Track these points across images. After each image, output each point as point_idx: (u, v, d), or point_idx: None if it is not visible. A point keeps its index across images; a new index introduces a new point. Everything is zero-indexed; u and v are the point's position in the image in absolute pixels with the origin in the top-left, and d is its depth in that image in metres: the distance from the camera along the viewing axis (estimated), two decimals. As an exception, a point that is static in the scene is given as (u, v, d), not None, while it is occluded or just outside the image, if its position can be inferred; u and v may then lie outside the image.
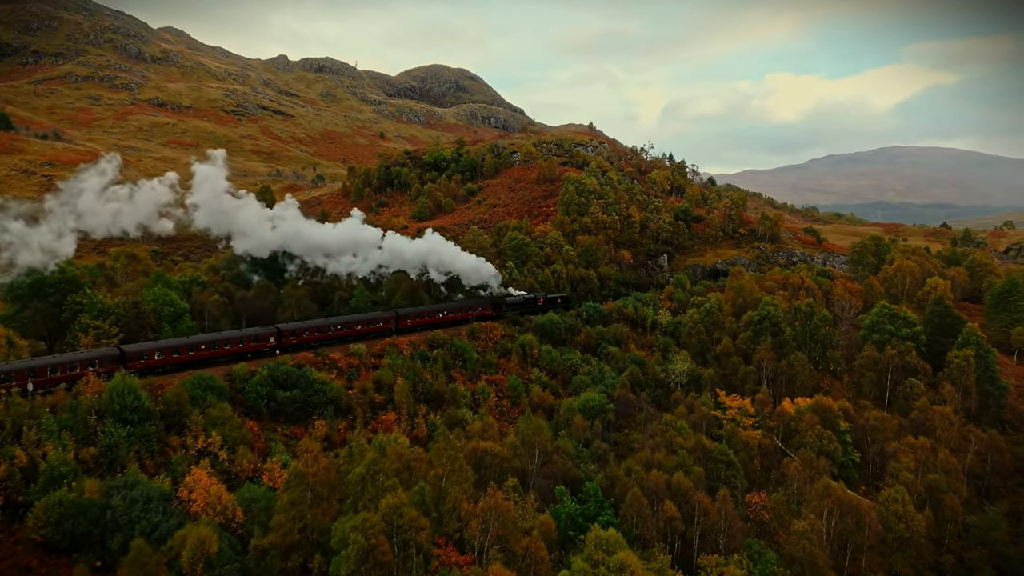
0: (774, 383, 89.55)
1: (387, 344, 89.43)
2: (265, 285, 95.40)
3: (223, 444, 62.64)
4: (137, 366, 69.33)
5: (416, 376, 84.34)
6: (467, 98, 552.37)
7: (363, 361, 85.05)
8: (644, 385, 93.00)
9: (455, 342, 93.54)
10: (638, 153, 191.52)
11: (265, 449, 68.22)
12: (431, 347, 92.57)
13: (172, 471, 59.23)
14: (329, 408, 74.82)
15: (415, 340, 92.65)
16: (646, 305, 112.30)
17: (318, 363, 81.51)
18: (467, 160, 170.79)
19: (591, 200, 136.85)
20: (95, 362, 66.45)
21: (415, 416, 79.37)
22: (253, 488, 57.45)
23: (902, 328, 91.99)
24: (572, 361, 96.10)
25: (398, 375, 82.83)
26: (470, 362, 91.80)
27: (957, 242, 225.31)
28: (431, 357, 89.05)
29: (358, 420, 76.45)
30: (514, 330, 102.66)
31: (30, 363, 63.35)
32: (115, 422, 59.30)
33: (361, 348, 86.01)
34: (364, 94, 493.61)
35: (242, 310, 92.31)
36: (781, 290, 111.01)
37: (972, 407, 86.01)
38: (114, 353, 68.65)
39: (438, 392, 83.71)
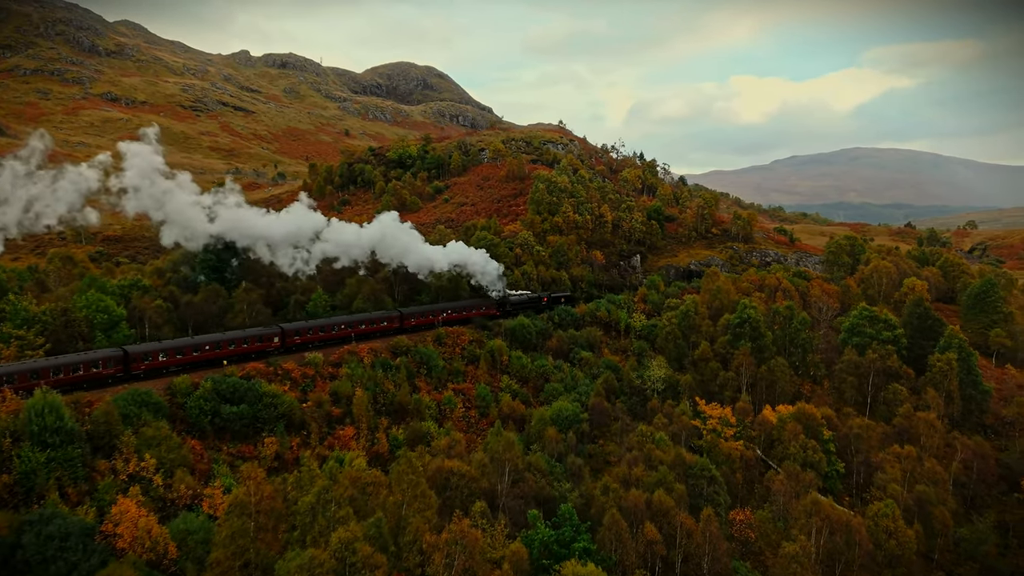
0: (754, 389, 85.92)
1: (345, 352, 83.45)
2: (214, 289, 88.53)
3: (158, 467, 56.36)
4: (142, 367, 67.51)
5: (377, 387, 78.69)
6: (434, 96, 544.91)
7: (319, 371, 79.01)
8: (619, 392, 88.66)
9: (420, 349, 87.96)
10: (608, 151, 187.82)
11: (208, 471, 61.99)
12: (394, 354, 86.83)
13: (98, 500, 52.86)
14: (280, 424, 68.82)
15: (376, 347, 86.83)
16: (620, 307, 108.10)
17: (269, 374, 75.29)
18: (434, 157, 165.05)
19: (562, 199, 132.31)
20: (99, 363, 64.46)
21: (376, 430, 73.72)
22: (190, 518, 51.30)
23: (883, 331, 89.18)
24: (544, 368, 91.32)
25: (357, 386, 77.08)
26: (436, 370, 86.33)
27: (923, 242, 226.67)
28: (394, 365, 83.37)
29: (313, 436, 70.58)
30: (483, 335, 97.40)
31: (32, 364, 61.05)
32: (33, 445, 52.62)
33: (317, 357, 79.97)
34: (329, 91, 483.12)
35: (188, 316, 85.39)
36: (757, 291, 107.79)
37: (955, 412, 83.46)
38: (118, 354, 66.45)
39: (401, 404, 78.12)
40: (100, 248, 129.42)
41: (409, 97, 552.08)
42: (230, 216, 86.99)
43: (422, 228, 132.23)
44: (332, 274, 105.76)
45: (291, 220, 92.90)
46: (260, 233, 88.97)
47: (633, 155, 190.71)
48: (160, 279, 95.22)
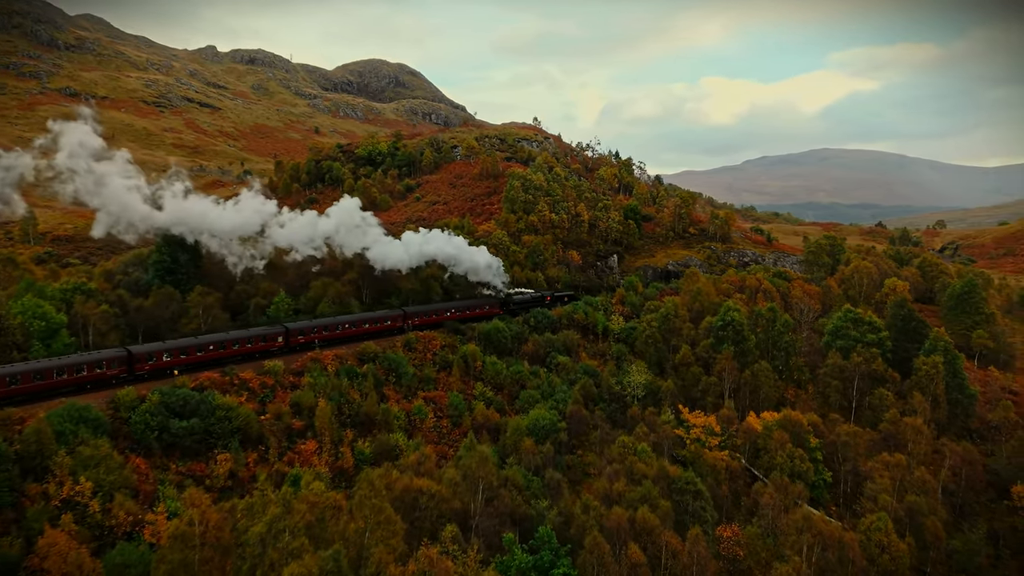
0: (737, 395, 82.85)
1: (308, 359, 78.45)
2: (167, 293, 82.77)
3: (96, 491, 51.16)
4: (146, 368, 66.81)
5: (342, 396, 73.87)
6: (407, 94, 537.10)
7: (279, 380, 73.91)
8: (598, 399, 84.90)
9: (388, 355, 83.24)
10: (584, 150, 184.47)
11: (153, 493, 56.76)
12: (361, 361, 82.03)
13: (26, 529, 47.61)
14: (235, 439, 63.71)
15: (342, 354, 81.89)
16: (597, 310, 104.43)
17: (224, 384, 70.09)
18: (404, 154, 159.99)
19: (538, 197, 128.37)
20: (102, 364, 63.68)
21: (340, 444, 68.94)
22: (127, 549, 46.29)
23: (867, 334, 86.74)
24: (519, 374, 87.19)
25: (320, 396, 72.23)
26: (405, 377, 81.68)
27: (895, 241, 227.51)
28: (360, 373, 78.58)
29: (271, 451, 65.64)
30: (455, 340, 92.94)
31: (35, 366, 59.94)
32: (-49, 469, 47.17)
33: (277, 365, 74.85)
34: (298, 88, 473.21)
35: (137, 322, 79.64)
36: (738, 293, 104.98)
37: (942, 417, 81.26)
38: (122, 355, 65.83)
39: (368, 414, 73.35)
40: (49, 249, 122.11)
41: (381, 95, 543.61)
42: (177, 206, 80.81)
43: (392, 227, 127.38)
44: (298, 278, 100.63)
45: (242, 210, 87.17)
46: (210, 225, 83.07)
47: (608, 153, 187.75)
48: (109, 283, 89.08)
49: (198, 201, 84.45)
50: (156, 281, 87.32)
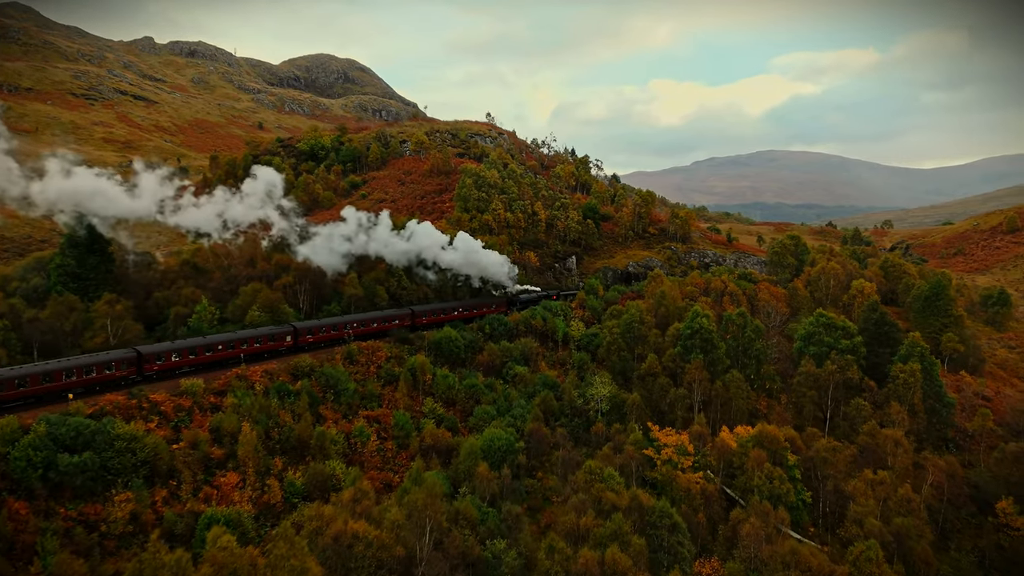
0: (708, 407, 77.03)
1: (233, 376, 69.22)
2: (66, 302, 72.30)
3: (-49, 551, 41.43)
4: (155, 368, 65.86)
5: (271, 419, 65.10)
6: (356, 90, 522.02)
7: (197, 401, 64.55)
8: (559, 414, 77.97)
9: (326, 370, 74.54)
10: (540, 147, 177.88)
11: (33, 544, 47.23)
12: (294, 377, 73.15)
13: None
14: (140, 473, 54.41)
15: (273, 369, 72.88)
16: (556, 315, 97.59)
17: (131, 408, 60.53)
18: (349, 149, 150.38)
19: (492, 195, 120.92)
20: (112, 365, 62.91)
21: (267, 475, 60.13)
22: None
23: (841, 339, 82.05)
24: (474, 388, 79.53)
25: (245, 419, 63.22)
26: (345, 395, 73.15)
27: (848, 241, 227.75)
28: (293, 391, 69.72)
29: (184, 487, 56.48)
30: (403, 350, 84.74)
31: (44, 367, 59.10)
32: None
33: (197, 384, 65.44)
34: (242, 82, 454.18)
35: (32, 336, 69.04)
36: (703, 296, 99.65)
37: (920, 428, 77.07)
38: (131, 355, 64.83)
39: (301, 439, 64.67)
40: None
41: (329, 90, 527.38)
42: (60, 186, 69.73)
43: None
44: (225, 282, 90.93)
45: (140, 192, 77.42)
46: (100, 208, 72.86)
47: (565, 151, 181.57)
48: (2, 290, 77.93)
49: (89, 178, 73.58)
50: (58, 288, 76.69)
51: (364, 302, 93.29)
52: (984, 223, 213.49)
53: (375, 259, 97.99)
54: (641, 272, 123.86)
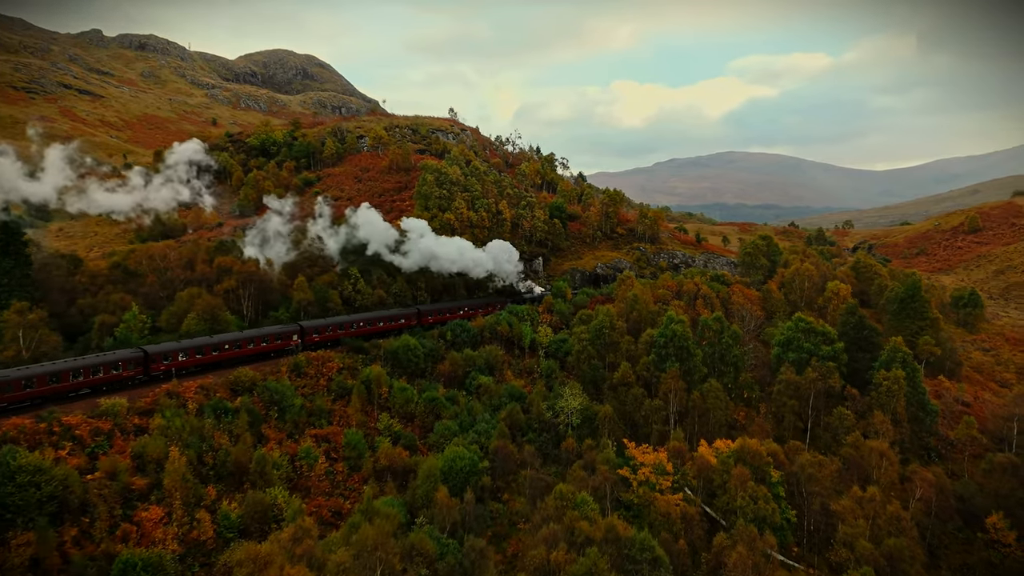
0: (685, 419, 72.23)
1: (162, 393, 61.86)
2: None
3: None
4: (161, 368, 65.24)
5: (205, 442, 58.14)
6: (315, 86, 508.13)
7: (119, 423, 57.16)
8: (527, 429, 72.30)
9: (269, 384, 67.59)
10: (504, 144, 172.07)
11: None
12: (233, 393, 66.06)
13: None
14: (45, 510, 47.01)
15: (210, 384, 65.65)
16: (523, 320, 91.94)
17: (39, 433, 53.00)
18: (303, 145, 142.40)
19: (454, 193, 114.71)
20: (119, 365, 62.19)
21: (197, 506, 53.11)
22: None
23: (821, 345, 78.13)
24: (434, 401, 73.32)
25: (174, 443, 56.09)
26: (291, 411, 66.36)
27: (812, 241, 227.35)
28: (231, 409, 62.62)
29: (99, 524, 49.19)
30: (356, 360, 78.11)
31: (51, 368, 58.40)
32: None
33: (119, 403, 58.01)
34: (195, 77, 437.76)
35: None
36: (675, 299, 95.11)
37: (905, 438, 73.51)
38: (138, 355, 64.12)
39: (238, 463, 57.82)
40: None
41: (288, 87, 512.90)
42: None
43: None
44: (161, 287, 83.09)
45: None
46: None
47: (530, 149, 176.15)
48: None
49: None
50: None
51: (315, 307, 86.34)
52: (945, 223, 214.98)
53: (336, 261, 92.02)
54: (610, 274, 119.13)
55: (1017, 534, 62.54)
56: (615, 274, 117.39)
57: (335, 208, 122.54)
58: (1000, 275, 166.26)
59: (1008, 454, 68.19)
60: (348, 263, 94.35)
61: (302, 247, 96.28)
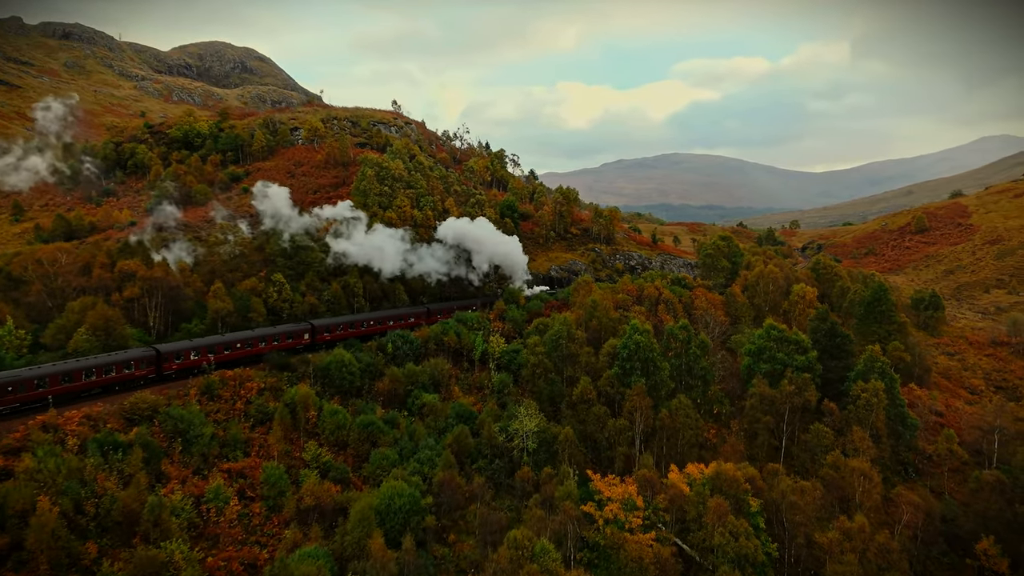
0: (652, 440, 65.17)
1: (35, 427, 51.16)
2: None
3: None
4: (174, 367, 64.32)
5: (87, 487, 47.75)
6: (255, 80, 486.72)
7: (-26, 469, 46.33)
8: (476, 455, 63.97)
9: (173, 411, 57.39)
10: (451, 139, 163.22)
11: None
12: (128, 422, 55.70)
13: None
14: None
15: (98, 414, 55.11)
16: (473, 329, 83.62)
17: None
18: (231, 137, 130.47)
19: (396, 189, 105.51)
20: (131, 364, 61.05)
21: (73, 567, 43.01)
22: None
23: (795, 355, 72.36)
24: (370, 425, 64.15)
25: (45, 490, 45.67)
26: (199, 442, 56.38)
27: (762, 241, 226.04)
28: (122, 444, 52.31)
29: (-68, 605, 38.57)
30: (281, 379, 68.38)
31: (64, 367, 56.87)
32: None
33: (-26, 443, 47.14)
34: (124, 68, 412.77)
35: None
36: (636, 305, 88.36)
37: (886, 456, 68.20)
38: (150, 354, 62.94)
39: (128, 511, 47.68)
40: None
41: (225, 80, 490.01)
42: None
43: (208, 226, 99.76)
44: (49, 296, 71.46)
45: None
46: None
47: (479, 145, 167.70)
48: None
49: None
50: None
51: (235, 318, 76.09)
52: (892, 223, 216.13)
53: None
54: (565, 276, 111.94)
55: (1010, 561, 57.63)
56: (570, 276, 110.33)
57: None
58: (949, 275, 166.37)
59: (995, 471, 63.50)
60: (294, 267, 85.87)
61: (223, 249, 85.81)
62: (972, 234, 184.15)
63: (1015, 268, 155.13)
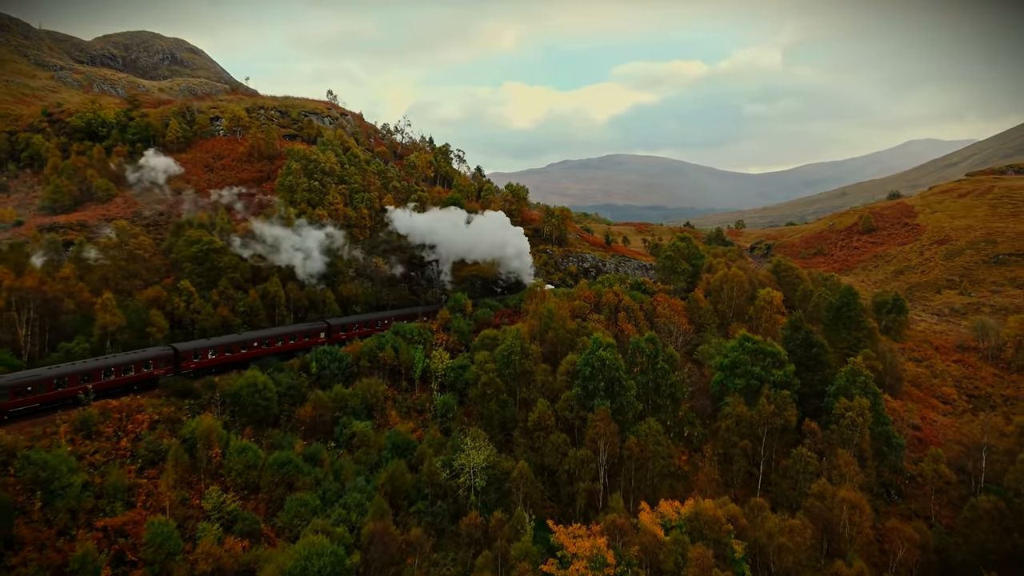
0: (619, 472, 56.93)
1: None
2: None
3: None
4: (192, 366, 63.19)
5: None
6: (185, 72, 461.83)
7: None
8: (415, 495, 54.40)
9: (35, 455, 45.93)
10: (392, 133, 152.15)
11: None
12: (-31, 476, 44.06)
13: None
14: None
15: (-73, 465, 43.33)
16: (413, 343, 73.87)
17: None
18: (141, 127, 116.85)
19: (327, 185, 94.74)
20: (150, 363, 60.47)
21: None
22: None
23: (772, 370, 65.39)
24: (287, 464, 53.74)
25: None
26: (67, 494, 45.16)
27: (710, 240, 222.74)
28: (-44, 506, 40.78)
29: None
30: (181, 408, 57.29)
31: (83, 366, 56.44)
32: None
33: None
34: (40, 57, 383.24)
35: None
36: (594, 313, 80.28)
37: (872, 482, 61.81)
38: (168, 353, 62.19)
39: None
40: None
41: (153, 72, 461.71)
42: None
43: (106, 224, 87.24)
44: None
45: None
46: None
47: (422, 139, 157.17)
48: None
49: None
50: None
51: (128, 334, 64.41)
52: (839, 223, 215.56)
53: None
54: (514, 279, 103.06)
55: (1015, 600, 51.77)
56: (528, 284, 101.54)
57: (176, 202, 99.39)
58: (899, 276, 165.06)
59: (993, 497, 57.70)
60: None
61: (115, 252, 73.78)
62: (919, 234, 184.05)
63: (965, 268, 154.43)
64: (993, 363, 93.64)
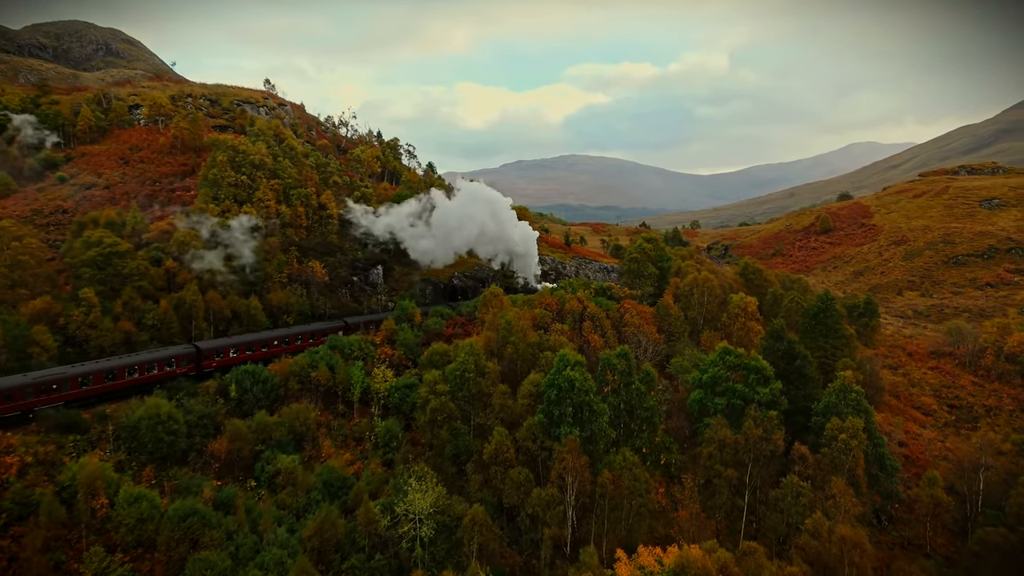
0: (591, 510, 49.18)
1: None
2: None
3: None
4: (213, 364, 62.97)
5: None
6: (122, 64, 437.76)
7: None
8: (349, 549, 45.50)
9: None
10: (337, 126, 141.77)
11: None
12: None
13: None
14: None
15: None
16: (351, 357, 64.76)
17: None
18: (50, 115, 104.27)
19: (258, 180, 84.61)
20: (172, 361, 60.53)
21: None
22: None
23: (758, 387, 58.71)
24: (191, 516, 44.12)
25: None
26: None
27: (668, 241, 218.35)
28: None
29: None
30: (64, 445, 47.15)
31: (107, 364, 56.28)
32: None
33: None
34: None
35: None
36: (557, 322, 72.53)
37: (868, 513, 55.68)
38: (190, 351, 62.13)
39: None
40: None
41: (86, 63, 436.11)
42: None
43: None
44: None
45: None
46: None
47: (369, 133, 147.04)
48: None
49: None
50: None
51: (5, 356, 53.72)
52: (796, 223, 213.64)
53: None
54: (470, 285, 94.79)
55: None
56: (477, 286, 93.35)
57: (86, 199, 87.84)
58: (859, 277, 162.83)
59: (1002, 529, 52.19)
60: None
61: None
62: (876, 234, 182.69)
63: (924, 269, 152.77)
64: (971, 370, 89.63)
